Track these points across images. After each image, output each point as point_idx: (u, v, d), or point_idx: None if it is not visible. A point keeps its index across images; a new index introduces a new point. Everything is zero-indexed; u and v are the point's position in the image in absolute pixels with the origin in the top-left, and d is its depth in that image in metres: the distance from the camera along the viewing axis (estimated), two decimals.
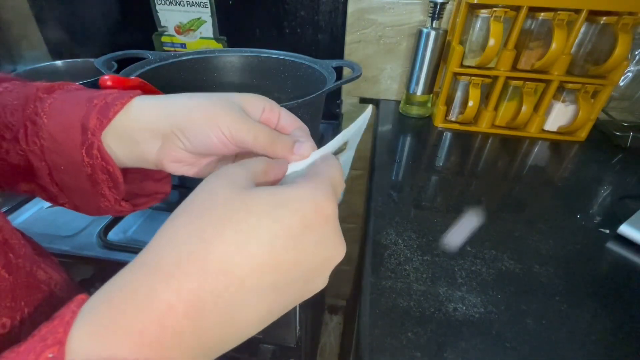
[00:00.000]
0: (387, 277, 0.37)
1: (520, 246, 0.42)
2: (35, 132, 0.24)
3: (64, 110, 0.24)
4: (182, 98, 0.24)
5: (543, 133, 0.68)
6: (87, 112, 0.23)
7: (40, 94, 0.25)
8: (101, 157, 0.24)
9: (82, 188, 0.26)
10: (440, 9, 0.63)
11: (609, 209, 0.49)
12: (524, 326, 0.33)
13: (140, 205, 0.29)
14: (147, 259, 0.15)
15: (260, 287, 0.15)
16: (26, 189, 0.27)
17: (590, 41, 0.61)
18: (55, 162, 0.25)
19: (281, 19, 0.75)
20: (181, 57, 0.60)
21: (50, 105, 0.24)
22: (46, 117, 0.24)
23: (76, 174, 0.25)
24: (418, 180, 0.55)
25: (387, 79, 0.81)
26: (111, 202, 0.26)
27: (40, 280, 0.24)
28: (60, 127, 0.24)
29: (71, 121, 0.24)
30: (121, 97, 0.24)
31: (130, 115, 0.24)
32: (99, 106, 0.23)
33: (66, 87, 0.26)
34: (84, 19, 0.82)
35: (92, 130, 0.23)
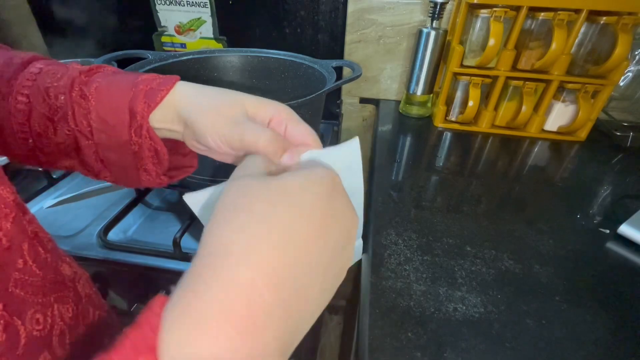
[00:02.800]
0: (387, 277, 0.37)
1: (520, 246, 0.42)
2: (84, 113, 0.26)
3: (111, 94, 0.26)
4: (205, 99, 0.25)
5: (543, 133, 0.68)
6: (134, 96, 0.25)
7: (84, 77, 0.26)
8: (150, 137, 0.26)
9: (126, 163, 0.28)
10: (440, 9, 0.63)
11: (609, 209, 0.49)
12: (524, 326, 0.33)
13: (175, 177, 0.32)
14: (214, 250, 0.15)
15: (315, 250, 0.17)
16: (67, 165, 0.29)
17: (590, 41, 0.61)
18: (102, 141, 0.27)
19: (281, 19, 0.75)
20: (181, 57, 0.60)
21: (96, 89, 0.26)
22: (94, 100, 0.26)
23: (123, 151, 0.27)
24: (418, 180, 0.55)
25: (387, 79, 0.81)
26: (152, 176, 0.29)
27: (65, 276, 0.25)
28: (109, 110, 0.26)
29: (119, 104, 0.25)
30: (165, 83, 0.26)
31: (169, 98, 0.26)
32: (145, 91, 0.25)
33: (104, 70, 0.28)
34: (84, 19, 0.82)
35: (140, 113, 0.25)
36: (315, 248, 0.17)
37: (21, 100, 0.26)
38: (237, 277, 0.14)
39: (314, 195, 0.18)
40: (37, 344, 0.20)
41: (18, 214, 0.21)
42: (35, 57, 0.29)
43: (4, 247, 0.19)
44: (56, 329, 0.22)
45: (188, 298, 0.14)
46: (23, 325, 0.19)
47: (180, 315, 0.13)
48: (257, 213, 0.16)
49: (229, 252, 0.15)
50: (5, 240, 0.19)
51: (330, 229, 0.18)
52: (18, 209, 0.21)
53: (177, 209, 0.57)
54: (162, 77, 0.27)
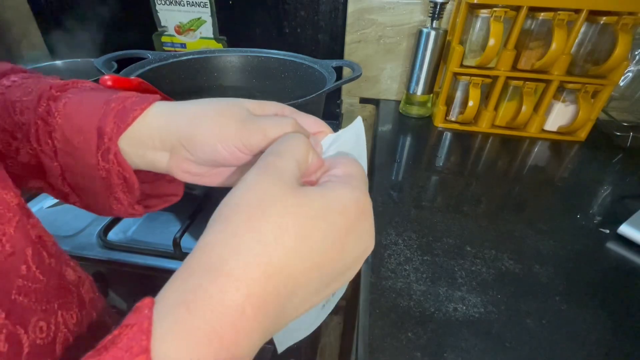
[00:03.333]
0: (387, 277, 0.37)
1: (520, 246, 0.42)
2: (48, 131, 0.23)
3: (80, 112, 0.23)
4: (193, 107, 0.23)
5: (543, 133, 0.68)
6: (104, 115, 0.23)
7: (54, 92, 0.24)
8: (117, 162, 0.23)
9: (95, 190, 0.25)
10: (440, 9, 0.63)
11: (609, 209, 0.49)
12: (524, 326, 0.33)
13: (152, 207, 0.29)
14: (213, 263, 0.15)
15: (310, 280, 0.16)
16: (36, 186, 0.27)
17: (590, 41, 0.61)
18: (68, 164, 0.24)
19: (281, 19, 0.75)
20: (181, 57, 0.60)
21: (64, 105, 0.23)
22: (60, 118, 0.23)
23: (90, 177, 0.24)
24: (418, 180, 0.55)
25: (387, 79, 0.81)
26: (124, 205, 0.26)
27: (69, 281, 0.24)
28: (76, 130, 0.23)
29: (87, 124, 0.23)
30: (140, 102, 0.23)
31: (145, 121, 0.23)
32: (116, 110, 0.23)
33: (80, 85, 0.26)
34: (84, 19, 0.82)
35: (109, 135, 0.22)
36: (317, 276, 0.16)
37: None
38: (231, 304, 0.14)
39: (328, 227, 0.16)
40: (41, 352, 0.19)
41: (22, 218, 0.20)
42: (14, 70, 0.27)
43: (7, 253, 0.18)
44: (60, 336, 0.21)
45: (180, 313, 0.14)
46: (26, 334, 0.18)
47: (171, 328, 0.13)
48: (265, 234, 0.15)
49: (227, 274, 0.14)
50: (9, 246, 0.18)
51: (340, 259, 0.17)
52: (22, 213, 0.20)
53: (177, 209, 0.57)
54: (139, 95, 0.24)
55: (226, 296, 0.14)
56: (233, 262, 0.15)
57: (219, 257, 0.15)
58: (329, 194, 0.17)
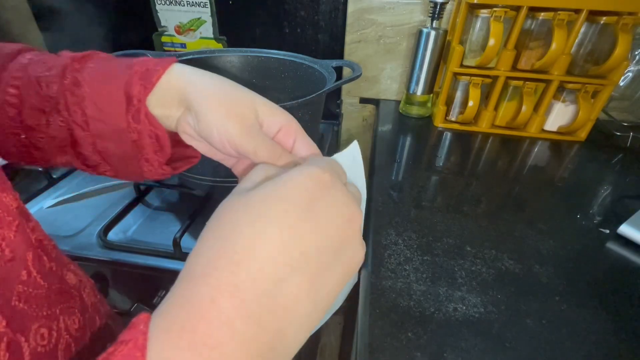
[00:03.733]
0: (387, 277, 0.37)
1: (520, 246, 0.42)
2: (77, 102, 0.24)
3: (105, 78, 0.24)
4: (211, 85, 0.24)
5: (543, 133, 0.68)
6: (129, 79, 0.24)
7: (76, 65, 0.25)
8: (149, 122, 0.24)
9: (126, 154, 0.26)
10: (440, 9, 0.63)
11: (609, 209, 0.49)
12: (524, 326, 0.33)
13: (178, 168, 0.30)
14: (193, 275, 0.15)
15: (291, 261, 0.16)
16: (63, 161, 0.28)
17: (590, 41, 0.61)
18: (99, 130, 0.25)
19: (281, 19, 0.75)
20: (181, 57, 0.60)
21: (89, 75, 0.24)
22: (88, 87, 0.24)
23: (121, 140, 0.25)
24: (418, 180, 0.55)
25: (387, 79, 0.81)
26: (154, 166, 0.27)
27: (71, 285, 0.24)
28: (104, 96, 0.24)
29: (115, 89, 0.24)
30: (162, 62, 0.24)
31: (168, 78, 0.24)
32: (140, 72, 0.24)
33: (97, 56, 0.26)
34: (84, 19, 0.82)
35: (137, 97, 0.23)
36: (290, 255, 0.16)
37: (11, 93, 0.24)
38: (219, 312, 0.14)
39: (283, 203, 0.16)
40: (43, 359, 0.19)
41: (22, 221, 0.20)
42: (25, 48, 0.27)
43: (7, 259, 0.18)
44: (62, 342, 0.21)
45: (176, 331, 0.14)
46: (27, 341, 0.18)
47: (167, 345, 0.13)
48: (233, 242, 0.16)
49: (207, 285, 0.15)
50: (9, 250, 0.18)
51: (312, 231, 0.16)
52: (22, 217, 0.20)
53: (177, 209, 0.57)
54: (159, 58, 0.25)
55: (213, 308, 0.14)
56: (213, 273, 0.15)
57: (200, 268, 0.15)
58: (279, 178, 0.17)
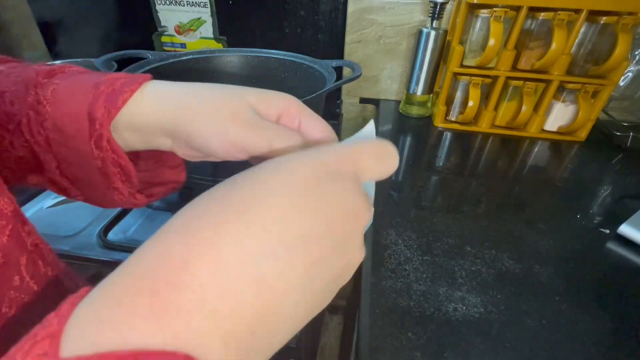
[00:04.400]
0: (387, 277, 0.37)
1: (520, 246, 0.42)
2: (39, 121, 0.22)
3: (69, 98, 0.22)
4: (189, 96, 0.21)
5: (543, 133, 0.68)
6: (94, 100, 0.21)
7: (41, 79, 0.22)
8: (111, 149, 0.22)
9: (93, 181, 0.24)
10: (440, 9, 0.63)
11: (609, 209, 0.49)
12: (524, 326, 0.33)
13: (155, 195, 0.27)
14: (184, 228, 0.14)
15: (288, 238, 0.14)
16: (35, 182, 0.26)
17: (590, 41, 0.61)
18: (63, 155, 0.23)
19: (281, 19, 0.75)
20: (181, 57, 0.60)
21: (52, 92, 0.22)
22: (49, 106, 0.22)
23: (86, 167, 0.23)
24: (418, 180, 0.55)
25: (387, 79, 0.81)
26: (125, 195, 0.25)
27: (67, 290, 0.22)
28: (66, 117, 0.21)
29: (78, 110, 0.21)
30: (130, 83, 0.21)
31: (141, 104, 0.21)
32: (106, 93, 0.21)
33: (68, 70, 0.24)
34: (84, 19, 0.82)
35: (99, 120, 0.21)
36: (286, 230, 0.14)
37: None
38: (191, 278, 0.12)
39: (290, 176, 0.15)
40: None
41: (16, 225, 0.19)
42: (3, 60, 0.25)
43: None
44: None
45: (128, 302, 0.12)
46: None
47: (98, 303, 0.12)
48: (225, 202, 0.14)
49: (183, 243, 0.13)
50: (0, 255, 0.17)
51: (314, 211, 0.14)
52: (16, 220, 0.19)
53: (177, 209, 0.57)
54: (129, 76, 0.22)
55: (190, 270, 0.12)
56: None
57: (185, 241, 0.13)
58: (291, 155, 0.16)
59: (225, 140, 0.20)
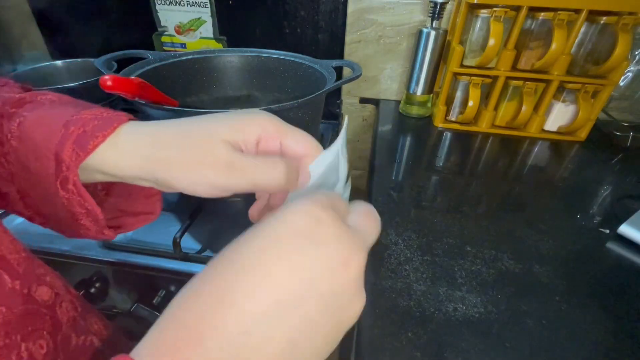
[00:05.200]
0: (387, 277, 0.37)
1: (520, 246, 0.42)
2: (2, 153, 0.21)
3: (36, 135, 0.20)
4: (166, 141, 0.20)
5: (543, 133, 0.68)
6: (62, 140, 0.20)
7: (8, 109, 0.21)
8: (77, 192, 0.21)
9: (59, 216, 0.23)
10: (440, 9, 0.63)
11: (609, 209, 0.49)
12: (524, 326, 0.33)
13: (125, 227, 0.26)
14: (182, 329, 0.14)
15: (259, 312, 0.14)
16: (2, 206, 0.24)
17: (590, 41, 0.61)
18: (25, 189, 0.22)
19: (281, 19, 0.75)
20: (181, 57, 0.60)
21: (19, 126, 0.20)
22: (14, 141, 0.20)
23: (51, 203, 0.22)
24: (418, 180, 0.55)
25: (387, 79, 0.81)
26: (92, 231, 0.24)
27: (40, 303, 0.21)
28: (31, 154, 0.20)
29: (44, 149, 0.20)
30: (103, 126, 0.20)
31: (114, 152, 0.20)
32: (76, 134, 0.20)
33: (39, 99, 0.22)
34: (84, 19, 0.82)
35: (66, 163, 0.20)
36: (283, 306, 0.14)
37: None
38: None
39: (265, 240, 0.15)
40: None
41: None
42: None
43: None
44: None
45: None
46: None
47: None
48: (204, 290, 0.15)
49: (173, 330, 0.14)
50: None
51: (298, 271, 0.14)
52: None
53: (177, 209, 0.57)
54: (102, 117, 0.21)
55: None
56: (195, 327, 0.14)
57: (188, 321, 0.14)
58: (275, 214, 0.16)
59: (206, 185, 0.19)
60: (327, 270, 0.15)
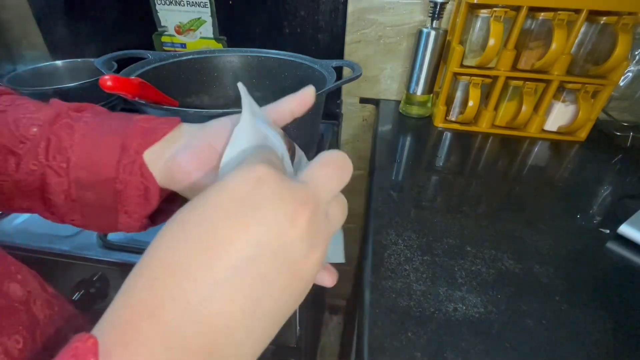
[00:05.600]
0: (387, 277, 0.37)
1: (520, 246, 0.42)
2: (62, 147, 0.24)
3: (104, 129, 0.25)
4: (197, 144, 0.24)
5: (543, 133, 0.68)
6: (132, 132, 0.24)
7: (72, 112, 0.25)
8: (142, 174, 0.24)
9: (104, 204, 0.25)
10: (440, 9, 0.63)
11: (609, 209, 0.49)
12: (524, 326, 0.33)
13: (158, 222, 0.29)
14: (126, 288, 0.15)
15: (215, 275, 0.14)
16: (24, 207, 0.27)
17: (590, 41, 0.61)
18: (80, 178, 0.24)
19: (281, 19, 0.75)
20: (181, 57, 0.60)
21: (86, 123, 0.25)
22: (81, 133, 0.24)
23: (103, 190, 0.25)
24: (418, 180, 0.55)
25: (387, 79, 0.81)
26: (133, 219, 0.26)
27: (14, 299, 0.21)
28: (97, 144, 0.24)
29: (111, 139, 0.24)
30: (169, 122, 0.25)
31: (177, 142, 0.24)
32: (144, 128, 0.24)
33: (94, 109, 0.27)
34: (84, 19, 0.82)
35: (135, 148, 0.24)
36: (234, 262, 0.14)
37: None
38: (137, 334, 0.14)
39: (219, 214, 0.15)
40: None
41: None
42: (5, 92, 0.27)
43: None
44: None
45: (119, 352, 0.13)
46: None
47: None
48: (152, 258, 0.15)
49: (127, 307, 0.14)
50: None
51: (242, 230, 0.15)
52: None
53: None
54: (162, 119, 0.26)
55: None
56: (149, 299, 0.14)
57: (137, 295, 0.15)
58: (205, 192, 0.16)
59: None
60: (273, 229, 0.15)
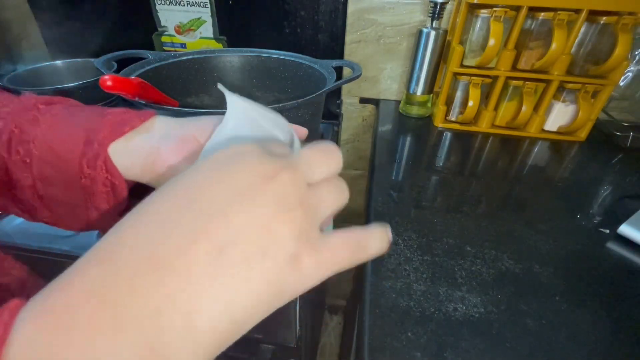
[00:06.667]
0: (387, 277, 0.37)
1: (520, 246, 0.42)
2: (25, 140, 0.23)
3: (70, 121, 0.23)
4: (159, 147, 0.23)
5: (543, 133, 0.68)
6: (100, 125, 0.23)
7: (40, 105, 0.24)
8: (106, 169, 0.23)
9: (72, 201, 0.24)
10: (440, 9, 0.63)
11: (609, 209, 0.49)
12: (524, 326, 0.33)
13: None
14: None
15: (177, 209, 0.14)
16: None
17: (590, 41, 0.61)
18: (44, 174, 0.23)
19: (281, 19, 0.75)
20: (181, 57, 0.60)
21: (53, 116, 0.23)
22: (45, 126, 0.23)
23: (69, 186, 0.24)
24: (418, 180, 0.55)
25: (387, 79, 0.81)
26: (105, 217, 0.25)
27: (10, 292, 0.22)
28: (61, 137, 0.23)
29: (76, 133, 0.23)
30: (140, 115, 0.24)
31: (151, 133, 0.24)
32: (113, 121, 0.23)
33: (67, 102, 0.26)
34: (84, 19, 0.82)
35: (99, 141, 0.22)
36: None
37: None
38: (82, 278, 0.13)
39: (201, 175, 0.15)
40: None
41: None
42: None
43: None
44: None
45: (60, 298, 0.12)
46: None
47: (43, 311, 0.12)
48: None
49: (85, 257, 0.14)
50: None
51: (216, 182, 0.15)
52: None
53: None
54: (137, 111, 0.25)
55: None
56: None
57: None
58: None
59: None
60: (249, 178, 0.15)
